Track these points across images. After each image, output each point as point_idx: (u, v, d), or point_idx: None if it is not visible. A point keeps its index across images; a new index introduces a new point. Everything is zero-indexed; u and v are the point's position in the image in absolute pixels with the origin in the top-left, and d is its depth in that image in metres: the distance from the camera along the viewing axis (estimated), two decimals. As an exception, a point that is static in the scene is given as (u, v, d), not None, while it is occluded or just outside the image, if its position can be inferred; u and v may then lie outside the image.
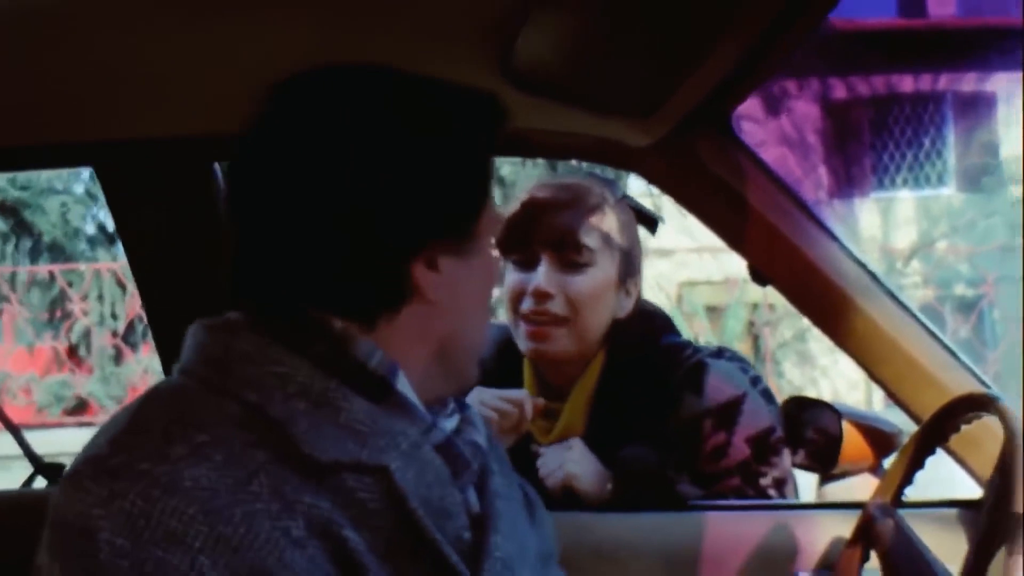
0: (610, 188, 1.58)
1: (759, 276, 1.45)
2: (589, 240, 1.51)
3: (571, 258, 1.51)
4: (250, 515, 0.77)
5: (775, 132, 10.22)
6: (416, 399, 0.89)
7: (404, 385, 0.89)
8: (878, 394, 1.58)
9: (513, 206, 1.56)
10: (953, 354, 1.41)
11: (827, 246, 1.41)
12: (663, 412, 1.52)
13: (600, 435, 1.53)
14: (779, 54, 1.18)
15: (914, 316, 1.41)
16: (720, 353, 1.60)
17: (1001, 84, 10.80)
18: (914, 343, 1.40)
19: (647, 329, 1.59)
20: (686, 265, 9.88)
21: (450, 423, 0.94)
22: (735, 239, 1.44)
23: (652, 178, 1.47)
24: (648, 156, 1.42)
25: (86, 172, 8.55)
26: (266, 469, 0.80)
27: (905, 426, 1.48)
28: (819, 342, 8.90)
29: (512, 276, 1.55)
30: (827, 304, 1.41)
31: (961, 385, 1.37)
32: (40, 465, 1.64)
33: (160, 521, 0.75)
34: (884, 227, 10.91)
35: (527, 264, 1.53)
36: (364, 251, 0.86)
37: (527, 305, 1.51)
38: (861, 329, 1.40)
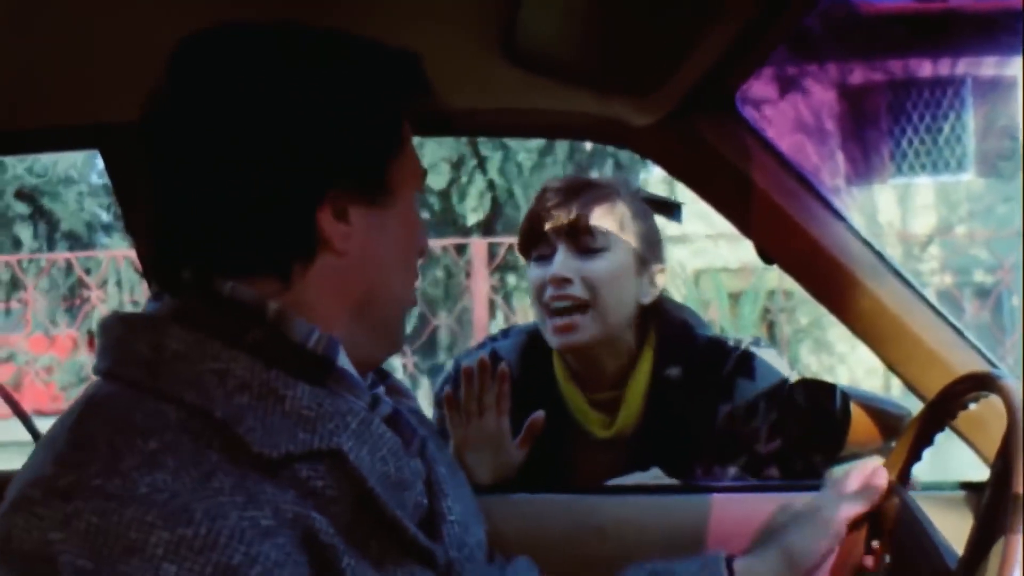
0: (621, 180, 1.66)
1: (765, 256, 1.44)
2: (601, 223, 1.57)
3: (585, 243, 1.57)
4: (212, 511, 0.75)
5: (792, 118, 10.16)
6: (356, 373, 0.89)
7: (344, 361, 0.88)
8: (896, 381, 1.59)
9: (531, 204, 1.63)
10: (960, 333, 1.40)
11: (833, 225, 1.40)
12: (717, 400, 1.59)
13: (655, 427, 1.60)
14: (781, 30, 1.17)
15: (921, 296, 1.40)
16: (757, 342, 1.66)
17: (1022, 67, 10.71)
18: (921, 323, 1.39)
19: (686, 324, 1.66)
20: (703, 252, 9.87)
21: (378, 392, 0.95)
22: (740, 218, 1.43)
23: (655, 157, 1.46)
24: (651, 135, 1.42)
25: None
26: (222, 468, 0.78)
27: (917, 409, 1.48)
28: (836, 328, 8.88)
29: (535, 271, 1.61)
30: (833, 283, 1.40)
31: (968, 365, 1.36)
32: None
33: (119, 534, 0.73)
34: (902, 213, 10.86)
35: (547, 257, 1.59)
36: (266, 202, 0.85)
37: (549, 293, 1.57)
38: (868, 308, 1.40)
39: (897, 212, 10.79)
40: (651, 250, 1.62)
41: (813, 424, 1.45)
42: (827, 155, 10.68)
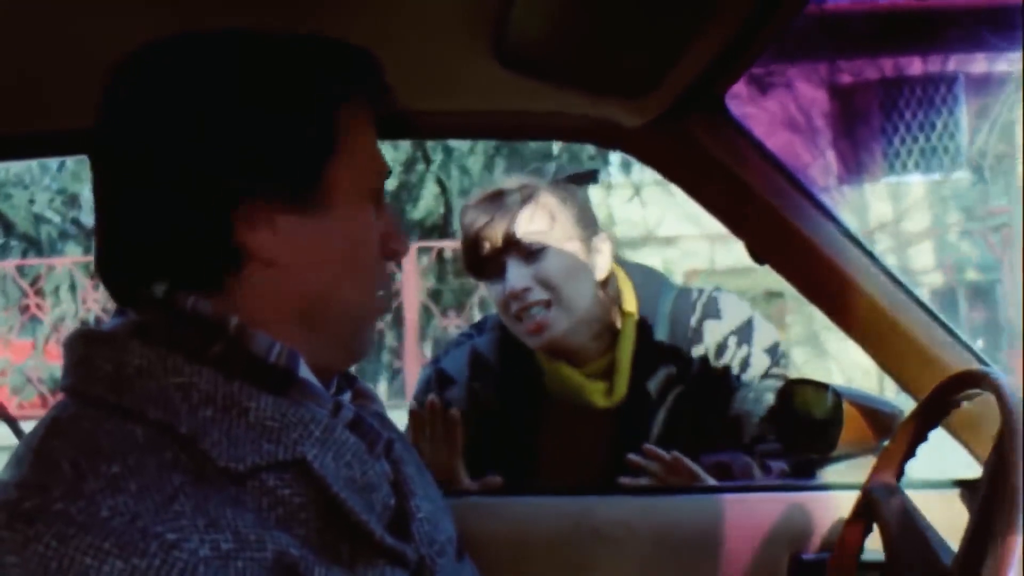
0: (536, 174, 1.72)
1: (757, 256, 1.48)
2: (532, 226, 1.63)
3: (526, 248, 1.63)
4: (169, 542, 0.76)
5: (781, 117, 10.20)
6: (317, 382, 0.91)
7: (306, 371, 0.90)
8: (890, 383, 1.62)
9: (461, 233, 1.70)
10: (952, 333, 1.43)
11: (824, 225, 1.43)
12: (689, 346, 1.69)
13: (639, 386, 1.67)
14: (772, 31, 1.19)
15: (912, 295, 1.43)
16: (718, 289, 1.76)
17: (1015, 63, 10.77)
18: (913, 322, 1.42)
19: (654, 284, 1.75)
20: (694, 254, 9.93)
21: (344, 398, 0.96)
22: (731, 219, 1.46)
23: (647, 159, 1.49)
24: (642, 136, 1.44)
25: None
26: (184, 491, 0.79)
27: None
28: (804, 326, 8.99)
29: (493, 290, 1.68)
30: (825, 284, 1.43)
31: (961, 364, 1.39)
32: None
33: (74, 560, 0.74)
34: (896, 212, 10.93)
35: (494, 274, 1.66)
36: (182, 214, 0.87)
37: (514, 308, 1.64)
38: (859, 308, 1.43)
39: (890, 211, 10.86)
40: (588, 227, 1.68)
41: (806, 424, 1.48)
42: (818, 154, 10.73)
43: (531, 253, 1.63)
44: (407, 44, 1.23)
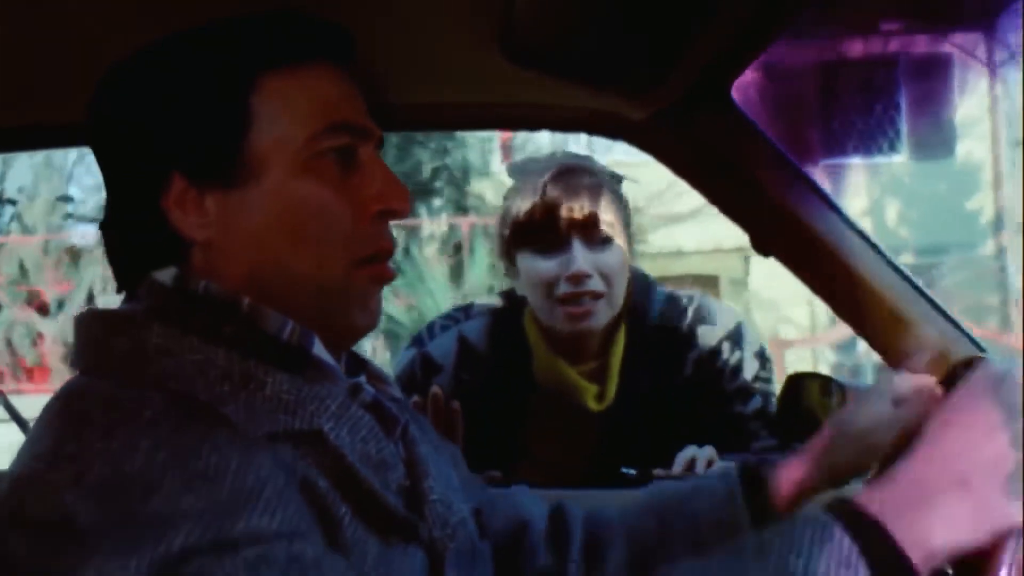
0: (593, 160, 1.72)
1: (761, 247, 1.50)
2: (608, 216, 1.65)
3: (597, 236, 1.64)
4: (218, 448, 0.79)
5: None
6: (334, 362, 0.92)
7: (321, 350, 0.91)
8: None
9: (529, 196, 1.66)
10: (957, 326, 1.46)
11: (830, 218, 1.45)
12: (683, 351, 1.73)
13: (636, 393, 1.70)
14: (779, 23, 1.21)
15: (918, 289, 1.46)
16: (705, 294, 1.81)
17: (956, 45, 10.95)
18: (920, 316, 1.45)
19: (646, 288, 1.77)
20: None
21: (360, 379, 0.98)
22: (735, 211, 1.48)
23: (651, 151, 1.50)
24: (647, 128, 1.46)
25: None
26: (215, 429, 0.81)
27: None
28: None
29: (541, 263, 1.66)
30: (831, 276, 1.46)
31: (964, 355, 1.42)
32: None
33: (134, 478, 0.75)
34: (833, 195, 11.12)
35: (553, 249, 1.65)
36: (120, 203, 0.94)
37: (564, 288, 1.64)
38: (865, 301, 1.45)
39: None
40: (631, 227, 1.72)
41: (811, 418, 1.50)
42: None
43: (600, 240, 1.65)
44: (411, 36, 1.23)
